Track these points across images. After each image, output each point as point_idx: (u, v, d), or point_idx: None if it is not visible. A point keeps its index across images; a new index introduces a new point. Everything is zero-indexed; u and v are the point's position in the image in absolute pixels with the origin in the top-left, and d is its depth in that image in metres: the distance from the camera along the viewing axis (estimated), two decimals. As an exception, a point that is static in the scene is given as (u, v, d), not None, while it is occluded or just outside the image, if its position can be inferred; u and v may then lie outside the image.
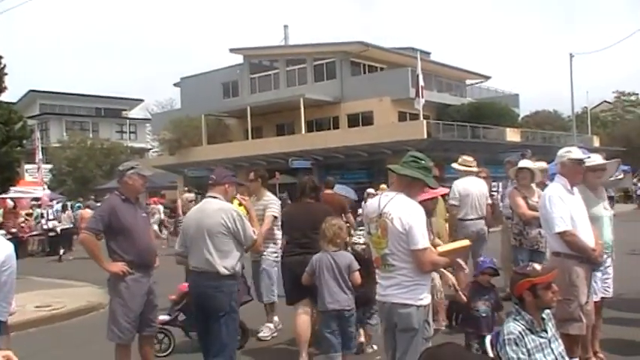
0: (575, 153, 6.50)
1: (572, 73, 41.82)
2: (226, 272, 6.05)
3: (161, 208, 27.19)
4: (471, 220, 9.56)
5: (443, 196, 8.61)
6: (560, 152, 6.56)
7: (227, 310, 6.12)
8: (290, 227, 7.90)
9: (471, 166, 9.73)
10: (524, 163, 9.08)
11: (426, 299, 4.88)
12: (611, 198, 8.66)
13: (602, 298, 6.98)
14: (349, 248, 7.34)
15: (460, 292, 6.26)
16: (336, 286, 6.47)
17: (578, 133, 46.40)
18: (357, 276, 6.55)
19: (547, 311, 4.51)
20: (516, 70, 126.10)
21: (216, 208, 6.17)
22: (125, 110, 72.61)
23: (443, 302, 5.86)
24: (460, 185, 9.73)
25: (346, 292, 6.50)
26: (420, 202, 5.68)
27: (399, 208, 4.80)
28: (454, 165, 9.62)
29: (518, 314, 4.40)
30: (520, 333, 4.27)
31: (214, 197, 6.33)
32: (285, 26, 53.30)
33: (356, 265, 6.57)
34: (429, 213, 6.07)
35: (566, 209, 6.15)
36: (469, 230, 9.44)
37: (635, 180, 37.48)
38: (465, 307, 6.22)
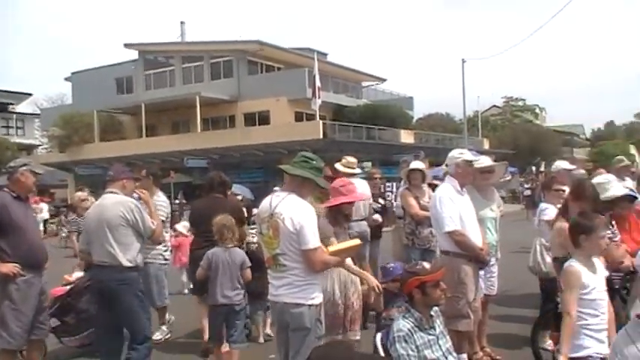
0: (467, 155, 6.70)
1: (464, 78, 42.97)
2: (129, 264, 6.07)
3: (45, 206, 26.27)
4: (354, 221, 9.51)
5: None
6: (452, 154, 6.73)
7: (134, 301, 6.14)
8: (198, 221, 7.96)
9: (353, 167, 9.79)
10: (415, 164, 9.24)
11: (317, 298, 4.88)
12: (502, 199, 8.94)
13: (488, 295, 7.20)
14: (244, 246, 7.58)
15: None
16: (229, 282, 6.61)
17: (469, 135, 47.78)
18: (248, 273, 6.75)
19: (435, 308, 4.60)
20: (411, 73, 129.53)
21: (114, 202, 6.20)
22: (12, 104, 69.58)
23: (360, 312, 5.83)
24: None
25: (237, 287, 6.65)
26: (335, 206, 5.72)
27: (290, 208, 4.77)
28: (337, 165, 9.62)
29: (407, 312, 4.46)
30: (409, 330, 4.33)
31: (113, 192, 6.33)
32: (182, 22, 52.36)
33: (248, 263, 6.76)
34: (348, 217, 6.07)
35: (455, 209, 6.31)
36: (352, 231, 9.36)
37: (521, 181, 38.95)
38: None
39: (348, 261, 5.58)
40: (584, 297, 4.51)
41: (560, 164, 8.72)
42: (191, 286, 9.24)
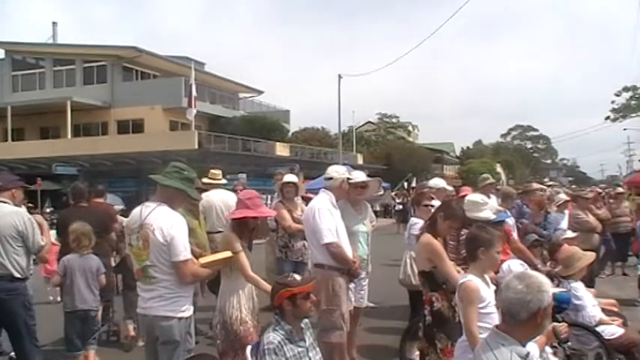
0: (343, 170, 6.84)
1: (340, 93, 43.66)
2: (19, 275, 6.07)
3: None
4: (219, 232, 9.37)
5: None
6: (331, 169, 6.85)
7: (22, 311, 6.12)
8: (65, 230, 7.61)
9: (217, 179, 9.73)
10: (289, 177, 9.27)
11: (187, 311, 4.81)
12: (375, 213, 9.11)
13: (357, 307, 7.31)
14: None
15: None
16: (86, 288, 6.63)
17: (343, 150, 48.61)
18: (102, 278, 6.83)
19: (306, 320, 4.61)
20: (288, 87, 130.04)
21: (7, 212, 6.12)
22: None
23: (250, 335, 5.55)
24: (205, 198, 9.45)
25: (93, 292, 6.71)
26: (239, 219, 5.57)
27: (160, 219, 4.68)
28: (204, 179, 9.53)
29: (277, 324, 4.44)
30: (279, 342, 4.31)
31: (4, 202, 6.23)
32: (54, 23, 50.39)
33: (102, 269, 6.84)
34: (253, 232, 5.88)
35: (333, 222, 6.39)
36: (216, 243, 9.21)
37: (393, 195, 39.89)
38: None
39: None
40: (481, 311, 4.56)
41: (439, 182, 9.01)
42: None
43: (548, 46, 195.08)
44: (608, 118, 48.78)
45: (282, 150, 45.06)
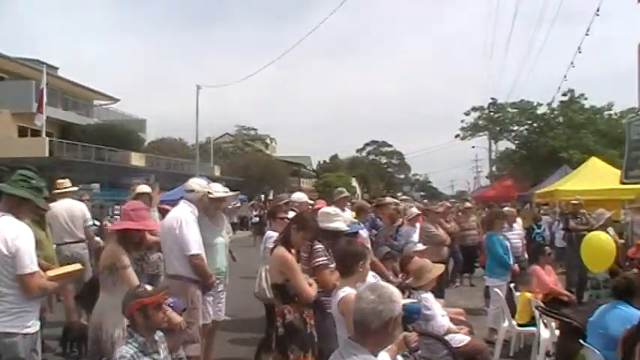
0: (204, 184, 6.83)
1: (198, 104, 43.32)
2: None
3: None
4: (65, 244, 9.06)
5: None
6: (192, 182, 6.83)
7: None
8: None
9: (62, 188, 9.42)
10: (142, 188, 9.07)
11: (33, 327, 4.59)
12: (232, 225, 9.09)
13: (215, 320, 7.27)
14: None
15: None
16: None
17: (201, 161, 48.16)
18: None
19: (160, 333, 4.52)
20: (145, 95, 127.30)
21: None
22: None
23: None
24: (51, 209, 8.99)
25: None
26: (122, 231, 5.33)
27: (5, 230, 4.44)
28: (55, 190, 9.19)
29: (130, 336, 4.32)
30: (132, 356, 4.20)
31: None
32: None
33: None
34: (137, 245, 5.61)
35: (199, 233, 6.35)
36: (63, 255, 8.89)
37: (250, 207, 39.92)
38: None
39: None
40: None
41: (301, 196, 9.10)
42: None
43: (403, 64, 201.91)
44: (457, 136, 50.88)
45: (137, 160, 44.03)
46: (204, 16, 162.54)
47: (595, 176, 18.74)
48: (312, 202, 8.93)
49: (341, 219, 6.80)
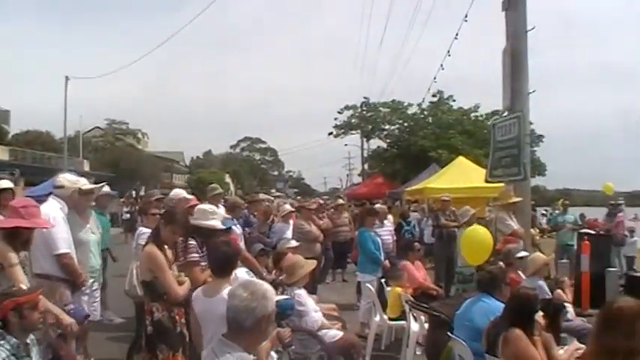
0: (75, 179, 6.63)
1: (66, 95, 41.69)
2: None
3: None
4: None
5: None
6: (62, 177, 6.63)
7: None
8: None
9: None
10: (5, 183, 8.67)
11: None
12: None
13: (90, 320, 7.06)
14: None
15: None
16: None
17: (69, 155, 46.47)
18: None
19: (32, 337, 4.34)
20: (8, 85, 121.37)
21: None
22: None
23: None
24: None
25: None
26: (10, 229, 5.10)
27: None
28: None
29: (2, 338, 4.10)
30: (4, 359, 4.02)
31: None
32: None
33: None
34: (26, 244, 5.32)
35: (68, 231, 6.15)
36: None
37: (121, 203, 38.95)
38: None
39: None
40: None
41: (180, 192, 8.98)
42: None
43: (279, 61, 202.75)
44: (331, 134, 51.40)
45: (1, 153, 42.12)
46: (76, 3, 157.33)
47: (462, 175, 19.52)
48: (191, 197, 8.80)
49: (217, 217, 6.79)
